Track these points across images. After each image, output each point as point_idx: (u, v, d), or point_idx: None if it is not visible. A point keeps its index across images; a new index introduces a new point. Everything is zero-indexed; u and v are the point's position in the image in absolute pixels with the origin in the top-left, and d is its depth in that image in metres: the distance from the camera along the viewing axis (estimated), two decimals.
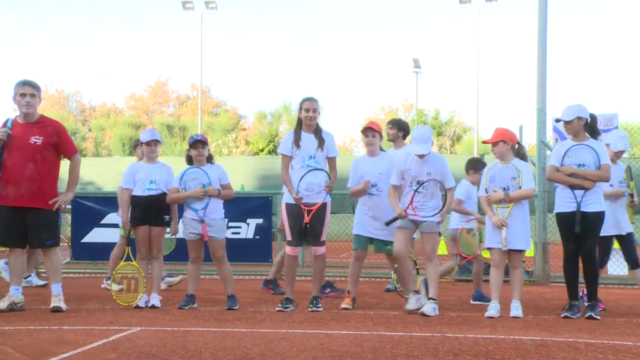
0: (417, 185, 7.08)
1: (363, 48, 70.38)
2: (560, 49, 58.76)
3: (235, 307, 7.29)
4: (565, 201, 6.96)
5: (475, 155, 30.64)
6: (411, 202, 7.08)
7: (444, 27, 69.29)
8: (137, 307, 7.29)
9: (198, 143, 7.43)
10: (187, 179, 7.42)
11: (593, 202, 6.87)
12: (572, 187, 6.90)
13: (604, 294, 9.00)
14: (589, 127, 7.05)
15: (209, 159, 7.62)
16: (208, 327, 6.17)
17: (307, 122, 7.33)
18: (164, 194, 7.53)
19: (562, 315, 6.88)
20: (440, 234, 7.43)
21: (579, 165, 6.91)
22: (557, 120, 7.12)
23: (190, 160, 7.56)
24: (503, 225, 6.91)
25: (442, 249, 16.45)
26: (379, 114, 49.45)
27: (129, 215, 7.54)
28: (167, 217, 7.58)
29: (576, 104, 7.07)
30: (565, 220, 6.95)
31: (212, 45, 72.40)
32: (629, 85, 59.86)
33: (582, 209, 6.82)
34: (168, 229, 7.73)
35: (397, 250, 7.19)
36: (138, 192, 7.54)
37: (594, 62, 64.07)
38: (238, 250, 10.33)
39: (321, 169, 7.24)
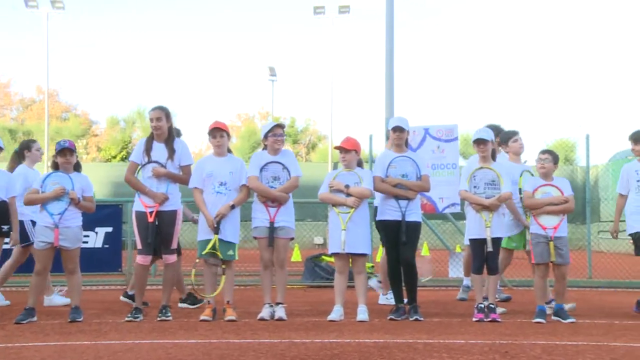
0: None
1: (219, 55, 69.91)
2: (408, 62, 61.56)
3: (79, 319, 7.00)
4: (389, 210, 7.34)
5: (330, 164, 31.38)
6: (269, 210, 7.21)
7: (299, 36, 70.37)
8: None
9: (65, 150, 7.16)
10: (49, 182, 7.11)
11: (414, 212, 7.35)
12: (397, 197, 7.28)
13: (445, 296, 9.53)
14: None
15: (77, 167, 7.36)
16: (47, 341, 5.88)
17: (154, 132, 7.25)
18: (2, 202, 7.14)
19: (388, 318, 7.20)
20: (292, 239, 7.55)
21: (403, 175, 7.35)
22: (394, 129, 7.45)
23: (56, 167, 7.27)
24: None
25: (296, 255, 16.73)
26: (236, 122, 49.45)
27: None
28: (5, 227, 7.19)
29: (404, 117, 7.62)
30: (389, 228, 7.35)
31: (60, 46, 69.06)
32: (467, 98, 63.70)
33: (406, 219, 7.22)
34: (7, 239, 7.33)
35: (267, 260, 7.26)
36: None
37: (437, 75, 67.58)
38: (86, 260, 9.87)
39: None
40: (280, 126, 7.49)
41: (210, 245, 7.10)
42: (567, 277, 7.39)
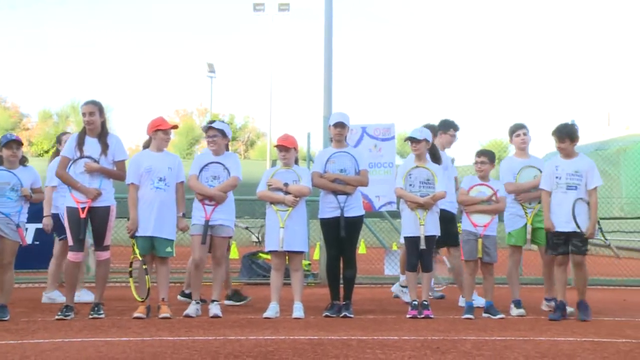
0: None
1: (157, 50, 68.69)
2: (347, 61, 61.97)
3: (5, 318, 6.82)
4: (329, 206, 7.37)
5: (268, 161, 31.34)
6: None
7: (239, 32, 69.98)
8: None
9: (12, 143, 7.01)
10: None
11: (354, 207, 7.39)
12: (335, 192, 7.32)
13: (381, 293, 9.65)
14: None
15: (22, 161, 7.21)
16: None
17: (87, 126, 7.13)
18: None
19: (323, 315, 7.25)
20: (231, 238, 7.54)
21: (341, 170, 7.40)
22: (335, 124, 7.50)
23: (0, 161, 7.08)
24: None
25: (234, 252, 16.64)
26: (174, 118, 48.82)
27: None
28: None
29: (345, 113, 7.62)
30: (330, 226, 7.38)
31: None
32: (405, 97, 64.57)
33: (345, 214, 7.26)
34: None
35: (198, 259, 7.22)
36: None
37: (375, 75, 68.26)
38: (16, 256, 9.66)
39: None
40: (211, 128, 7.41)
41: (134, 250, 7.17)
42: (493, 275, 7.60)
